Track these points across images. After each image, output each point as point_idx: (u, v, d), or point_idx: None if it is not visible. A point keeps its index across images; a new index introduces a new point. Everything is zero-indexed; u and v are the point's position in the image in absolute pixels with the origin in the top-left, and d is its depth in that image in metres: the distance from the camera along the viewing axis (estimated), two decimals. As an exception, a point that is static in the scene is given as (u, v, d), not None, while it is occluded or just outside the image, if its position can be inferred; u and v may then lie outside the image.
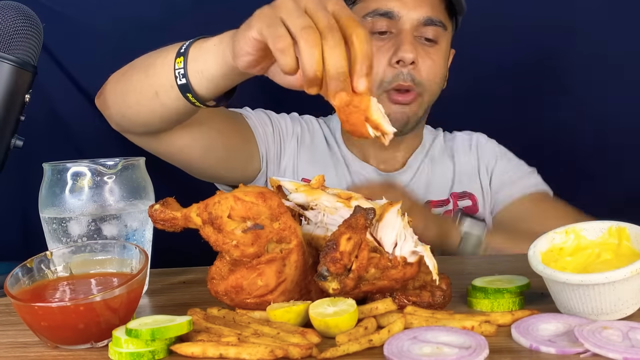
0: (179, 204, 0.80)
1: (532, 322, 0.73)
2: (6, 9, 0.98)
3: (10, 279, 0.77)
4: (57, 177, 0.93)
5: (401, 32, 1.35)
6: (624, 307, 0.74)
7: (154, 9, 1.74)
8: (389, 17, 1.36)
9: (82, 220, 0.91)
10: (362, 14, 1.38)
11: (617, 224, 0.80)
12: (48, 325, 0.73)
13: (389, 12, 1.35)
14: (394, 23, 1.36)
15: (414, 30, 1.36)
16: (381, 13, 1.36)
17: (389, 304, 0.77)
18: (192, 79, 0.97)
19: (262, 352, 0.67)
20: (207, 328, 0.74)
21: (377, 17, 1.36)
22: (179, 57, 0.98)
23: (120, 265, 0.83)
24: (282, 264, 0.77)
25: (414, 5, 1.36)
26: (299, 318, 0.76)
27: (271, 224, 0.76)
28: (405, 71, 1.34)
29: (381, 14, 1.36)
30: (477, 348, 0.66)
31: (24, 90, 1.00)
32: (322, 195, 0.83)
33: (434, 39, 1.38)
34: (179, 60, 0.98)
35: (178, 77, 0.98)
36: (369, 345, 0.69)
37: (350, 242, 0.75)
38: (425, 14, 1.36)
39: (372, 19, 1.37)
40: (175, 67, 0.98)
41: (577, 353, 0.66)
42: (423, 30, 1.36)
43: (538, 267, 0.78)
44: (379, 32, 1.36)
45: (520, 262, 0.83)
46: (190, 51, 0.98)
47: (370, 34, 1.27)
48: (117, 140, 1.84)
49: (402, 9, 1.35)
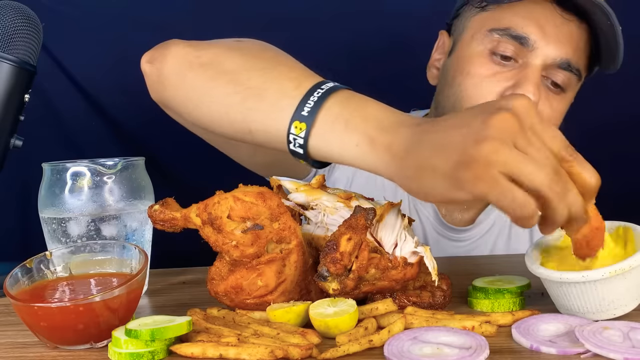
0: (178, 205, 0.79)
1: (533, 323, 0.73)
2: (6, 9, 0.98)
3: (9, 279, 0.77)
4: (56, 177, 0.93)
5: (528, 66, 1.11)
6: (611, 307, 0.74)
7: (154, 9, 1.74)
8: (520, 42, 1.11)
9: (82, 221, 0.91)
10: (490, 26, 1.14)
11: (625, 224, 0.80)
12: (47, 325, 0.73)
13: (524, 38, 1.11)
14: (524, 52, 1.11)
15: (543, 69, 1.11)
16: (514, 35, 1.11)
17: (389, 305, 0.76)
18: (312, 154, 0.73)
19: (262, 352, 0.67)
20: (206, 328, 0.74)
21: (507, 37, 1.12)
22: (299, 122, 0.72)
23: (120, 265, 0.83)
24: (282, 264, 0.77)
25: (555, 40, 1.10)
26: (299, 318, 0.76)
27: (271, 224, 0.76)
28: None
29: (513, 37, 1.11)
30: (477, 348, 0.66)
31: (23, 90, 1.00)
32: (323, 195, 0.83)
33: (563, 86, 1.13)
34: (299, 125, 0.72)
35: (292, 142, 0.74)
36: (369, 345, 0.69)
37: (351, 242, 0.75)
38: (565, 56, 1.11)
39: (499, 37, 1.12)
40: (290, 130, 0.73)
41: (577, 353, 0.66)
42: (553, 72, 1.12)
43: (528, 264, 0.79)
44: (502, 54, 1.12)
45: (520, 262, 0.83)
46: (318, 124, 0.71)
47: (491, 53, 1.12)
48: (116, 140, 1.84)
49: (540, 39, 1.10)
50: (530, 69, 1.10)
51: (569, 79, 1.12)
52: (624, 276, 0.73)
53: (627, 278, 0.73)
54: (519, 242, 1.31)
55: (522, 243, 1.30)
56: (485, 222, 1.30)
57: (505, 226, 1.31)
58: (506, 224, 1.31)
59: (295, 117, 0.72)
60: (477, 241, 1.30)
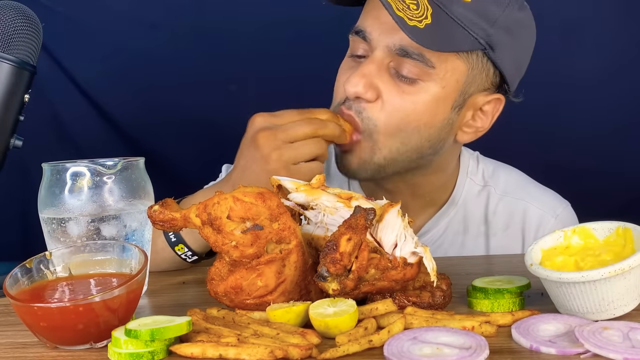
0: (178, 205, 0.79)
1: (533, 323, 0.73)
2: (6, 9, 0.98)
3: (9, 279, 0.77)
4: (56, 177, 0.93)
5: (367, 58, 1.10)
6: (611, 307, 0.74)
7: (154, 9, 1.74)
8: (362, 37, 1.10)
9: (82, 221, 0.91)
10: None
11: (624, 224, 0.80)
12: (47, 325, 0.73)
13: (361, 32, 1.10)
14: (370, 47, 1.10)
15: (388, 60, 1.08)
16: (356, 31, 1.11)
17: (389, 305, 0.76)
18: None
19: (261, 352, 0.67)
20: (206, 329, 0.74)
21: (354, 35, 1.12)
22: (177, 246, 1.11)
23: (120, 265, 0.83)
24: (282, 264, 0.77)
25: (389, 27, 1.05)
26: (298, 318, 0.76)
27: (270, 225, 0.76)
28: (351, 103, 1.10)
29: (356, 32, 1.11)
30: (477, 349, 0.66)
31: (23, 90, 1.00)
32: (323, 195, 0.83)
33: (412, 77, 1.07)
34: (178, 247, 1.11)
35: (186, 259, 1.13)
36: (369, 345, 0.69)
37: (350, 242, 0.75)
38: (399, 42, 1.05)
39: (352, 37, 1.14)
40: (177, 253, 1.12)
41: (577, 353, 0.66)
42: (399, 62, 1.07)
43: (527, 264, 0.79)
44: (356, 55, 1.13)
45: (520, 262, 0.83)
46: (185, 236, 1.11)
47: (350, 55, 1.14)
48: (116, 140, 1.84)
49: (375, 30, 1.08)
50: (365, 60, 1.10)
51: (417, 67, 1.06)
52: (624, 276, 0.73)
53: (626, 278, 0.73)
54: (477, 251, 1.27)
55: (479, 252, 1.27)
56: (434, 229, 1.27)
57: (459, 233, 1.28)
58: (459, 232, 1.28)
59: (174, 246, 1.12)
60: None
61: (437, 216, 1.27)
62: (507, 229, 1.27)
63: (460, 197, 1.28)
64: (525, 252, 0.81)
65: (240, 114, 1.93)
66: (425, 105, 1.09)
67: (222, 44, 1.80)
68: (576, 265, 0.78)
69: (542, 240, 0.83)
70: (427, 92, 1.08)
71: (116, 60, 1.75)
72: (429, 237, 1.26)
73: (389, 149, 1.11)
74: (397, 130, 1.09)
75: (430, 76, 1.07)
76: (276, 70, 1.81)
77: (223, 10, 1.78)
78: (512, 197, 1.29)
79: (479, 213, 1.28)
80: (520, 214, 1.27)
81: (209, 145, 1.82)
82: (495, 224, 1.28)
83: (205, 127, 1.82)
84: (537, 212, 1.27)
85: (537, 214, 1.27)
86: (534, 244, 0.83)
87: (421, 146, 1.12)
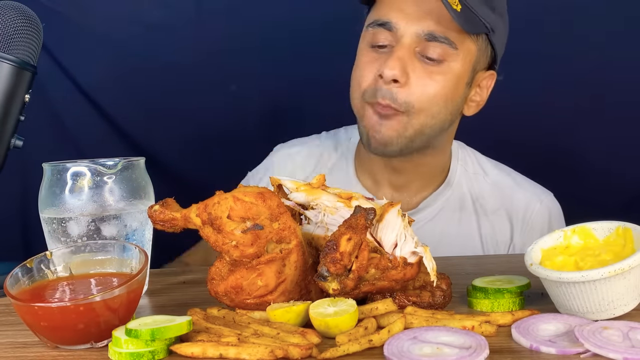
0: (178, 205, 0.79)
1: (533, 322, 0.73)
2: (6, 9, 0.98)
3: (10, 279, 0.77)
4: (56, 177, 0.93)
5: (395, 45, 1.22)
6: (611, 307, 0.74)
7: (154, 9, 1.74)
8: (387, 28, 1.22)
9: (82, 221, 0.91)
10: (367, 24, 1.27)
11: (624, 224, 0.80)
12: (48, 325, 0.73)
13: (388, 23, 1.22)
14: (394, 36, 1.22)
15: (415, 46, 1.21)
16: (380, 23, 1.23)
17: (389, 304, 0.77)
18: None
19: (262, 352, 0.67)
20: (207, 328, 0.74)
21: (377, 27, 1.24)
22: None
23: (120, 265, 0.83)
24: (282, 264, 0.77)
25: (416, 17, 1.21)
26: (299, 318, 0.76)
27: (271, 224, 0.76)
28: (385, 88, 1.21)
29: (380, 24, 1.23)
30: (477, 348, 0.66)
31: (23, 91, 1.00)
32: (323, 195, 0.83)
33: (438, 59, 1.21)
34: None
35: None
36: (369, 345, 0.69)
37: (351, 242, 0.75)
38: (427, 29, 1.20)
39: (372, 29, 1.25)
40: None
41: (577, 353, 0.66)
42: (425, 46, 1.21)
43: (527, 264, 0.79)
44: (378, 45, 1.24)
45: (520, 262, 0.83)
46: None
47: (370, 45, 1.25)
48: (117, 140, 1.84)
49: (401, 20, 1.21)
50: (395, 47, 1.22)
51: (443, 49, 1.21)
52: (624, 276, 0.73)
53: (626, 278, 0.73)
54: (471, 227, 1.38)
55: (473, 228, 1.38)
56: (432, 207, 1.36)
57: (456, 210, 1.38)
58: (455, 209, 1.38)
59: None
60: (423, 226, 1.35)
61: (434, 195, 1.38)
62: (496, 212, 1.38)
63: (454, 180, 1.40)
64: (525, 253, 0.82)
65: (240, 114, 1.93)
66: (450, 82, 1.23)
67: (222, 44, 1.80)
68: (576, 265, 0.78)
69: (542, 240, 0.83)
70: (451, 71, 1.23)
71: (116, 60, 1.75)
72: (428, 212, 1.36)
73: (421, 124, 1.24)
74: (429, 105, 1.22)
75: (453, 57, 1.22)
76: (276, 70, 1.81)
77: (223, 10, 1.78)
78: (500, 183, 1.41)
79: (471, 196, 1.39)
80: (508, 199, 1.39)
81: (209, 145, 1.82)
82: (485, 207, 1.39)
83: (205, 127, 1.82)
84: (524, 197, 1.39)
85: (523, 198, 1.39)
86: (534, 243, 0.83)
87: (445, 120, 1.26)
